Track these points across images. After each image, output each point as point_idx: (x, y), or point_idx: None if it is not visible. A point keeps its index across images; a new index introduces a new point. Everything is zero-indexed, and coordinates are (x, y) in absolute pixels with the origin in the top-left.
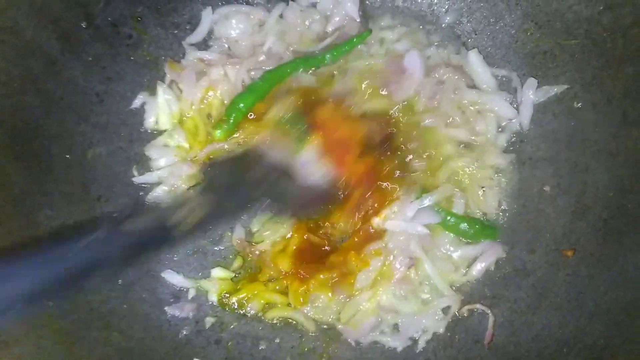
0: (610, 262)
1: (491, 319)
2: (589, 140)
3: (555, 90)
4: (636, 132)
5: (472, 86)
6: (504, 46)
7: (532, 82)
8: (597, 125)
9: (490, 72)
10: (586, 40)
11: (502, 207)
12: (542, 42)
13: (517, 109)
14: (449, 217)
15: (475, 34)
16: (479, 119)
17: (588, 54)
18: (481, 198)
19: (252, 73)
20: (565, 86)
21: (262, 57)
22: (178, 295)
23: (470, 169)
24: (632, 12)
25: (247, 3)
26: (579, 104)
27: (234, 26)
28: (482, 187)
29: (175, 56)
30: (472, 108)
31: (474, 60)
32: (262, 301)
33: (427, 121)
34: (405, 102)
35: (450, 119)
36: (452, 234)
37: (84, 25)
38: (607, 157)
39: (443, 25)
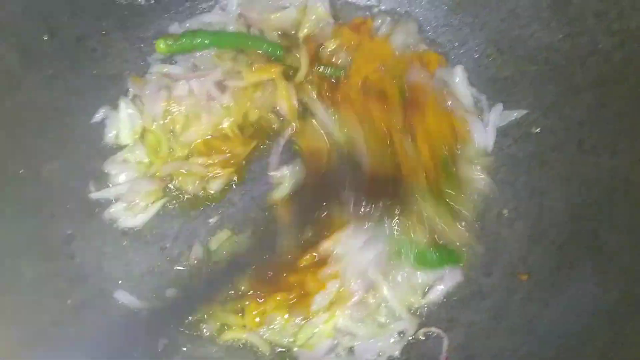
0: (563, 288)
1: (445, 342)
2: (547, 165)
3: (515, 114)
4: (591, 160)
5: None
6: (468, 70)
7: (499, 107)
8: (555, 150)
9: (470, 91)
10: (546, 67)
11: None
12: (504, 68)
13: None
14: (410, 250)
15: None
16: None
17: (547, 80)
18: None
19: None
20: (525, 111)
21: (228, 65)
22: (129, 316)
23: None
24: (589, 41)
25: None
26: (538, 129)
27: None
28: None
29: (141, 71)
30: None
31: (459, 77)
32: (217, 322)
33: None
34: None
35: None
36: None
37: (46, 38)
38: (562, 182)
39: None
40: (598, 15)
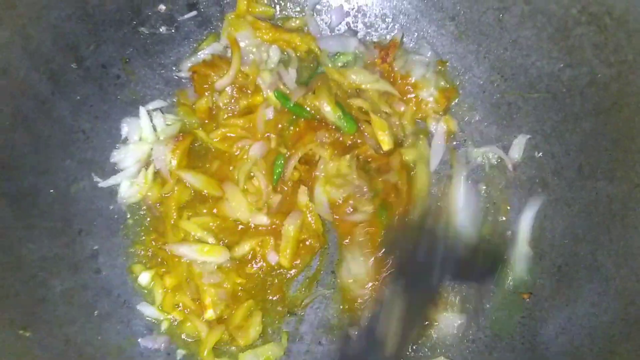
0: (562, 308)
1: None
2: (548, 188)
3: (518, 140)
4: (590, 185)
5: None
6: (472, 95)
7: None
8: (556, 174)
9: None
10: (547, 95)
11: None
12: (507, 94)
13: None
14: None
15: None
16: None
17: (549, 107)
18: None
19: None
20: (528, 136)
21: None
22: (152, 327)
23: None
24: (588, 72)
25: None
26: (540, 154)
27: None
28: None
29: (161, 95)
30: None
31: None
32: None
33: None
34: None
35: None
36: None
37: (74, 66)
38: (563, 206)
39: None
40: (596, 47)
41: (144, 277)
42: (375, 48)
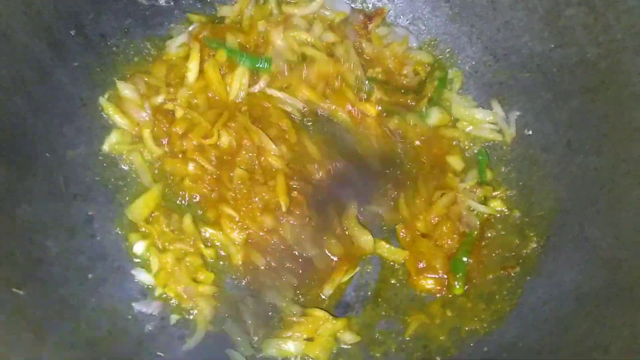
0: (549, 277)
1: None
2: (537, 164)
3: (509, 117)
4: (579, 159)
5: None
6: (465, 75)
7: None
8: (545, 151)
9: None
10: (538, 74)
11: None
12: (499, 74)
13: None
14: None
15: None
16: None
17: (539, 86)
18: None
19: None
20: (518, 113)
21: None
22: (145, 292)
23: None
24: (577, 52)
25: None
26: (530, 131)
27: None
28: None
29: None
30: None
31: None
32: None
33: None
34: None
35: None
36: None
37: (73, 33)
38: (552, 180)
39: None
40: (586, 27)
41: (139, 247)
42: (359, 14)
